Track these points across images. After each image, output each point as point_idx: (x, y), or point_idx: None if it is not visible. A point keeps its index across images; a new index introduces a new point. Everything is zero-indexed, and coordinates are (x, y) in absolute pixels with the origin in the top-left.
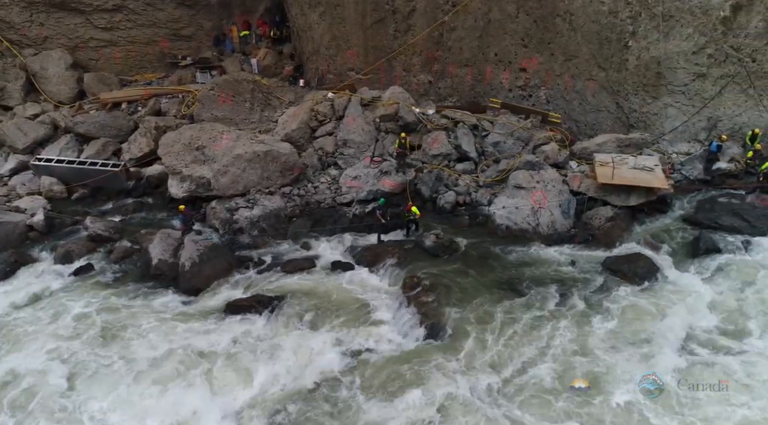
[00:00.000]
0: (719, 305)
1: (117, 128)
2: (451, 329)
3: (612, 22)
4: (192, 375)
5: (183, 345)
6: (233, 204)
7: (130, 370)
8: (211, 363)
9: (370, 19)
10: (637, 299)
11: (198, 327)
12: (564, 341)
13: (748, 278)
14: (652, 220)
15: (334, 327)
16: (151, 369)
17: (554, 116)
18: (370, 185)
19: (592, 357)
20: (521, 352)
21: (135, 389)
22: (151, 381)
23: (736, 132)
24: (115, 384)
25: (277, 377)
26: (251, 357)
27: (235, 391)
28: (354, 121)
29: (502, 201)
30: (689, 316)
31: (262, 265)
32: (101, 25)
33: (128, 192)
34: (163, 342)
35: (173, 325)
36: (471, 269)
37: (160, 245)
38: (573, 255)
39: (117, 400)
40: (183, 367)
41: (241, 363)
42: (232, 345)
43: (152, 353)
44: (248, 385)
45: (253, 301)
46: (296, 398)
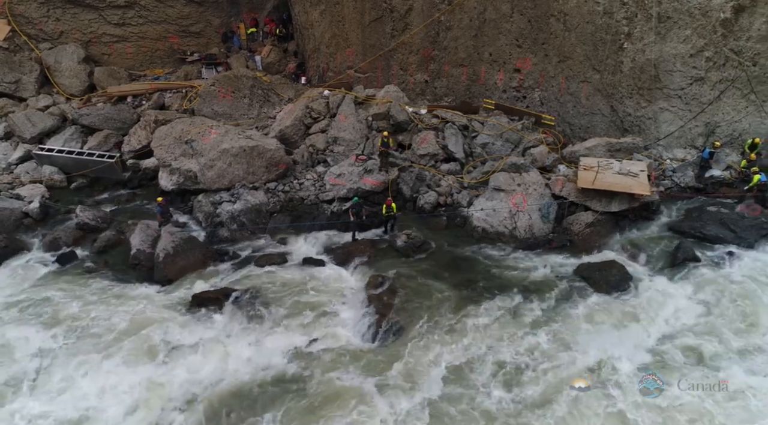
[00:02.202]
0: (685, 318)
1: (121, 121)
2: (406, 331)
3: (607, 23)
4: (143, 365)
5: (141, 333)
6: (218, 198)
7: (80, 358)
8: (165, 354)
9: (368, 18)
10: (602, 308)
11: (160, 317)
12: (516, 348)
13: (723, 291)
14: (635, 227)
15: (294, 324)
16: (104, 357)
17: (548, 118)
18: (351, 183)
19: (536, 364)
20: (467, 359)
21: (82, 375)
22: (101, 368)
23: (735, 139)
24: (62, 368)
25: (226, 371)
26: (206, 349)
27: (184, 383)
28: (346, 119)
29: (481, 203)
30: (649, 328)
31: (237, 259)
32: (114, 21)
33: (124, 183)
34: (122, 331)
35: (137, 314)
36: (439, 271)
37: (139, 236)
38: (547, 260)
39: (60, 386)
40: (133, 357)
41: (196, 355)
42: (191, 336)
43: (108, 340)
44: (198, 378)
45: (220, 294)
46: (241, 393)
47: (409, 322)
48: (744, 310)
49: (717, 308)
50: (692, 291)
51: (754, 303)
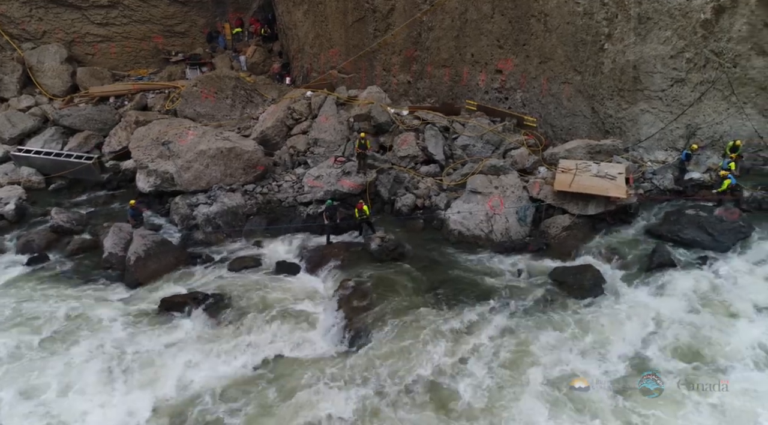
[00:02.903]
0: (656, 324)
1: (102, 122)
2: (374, 336)
3: (587, 24)
4: (104, 370)
5: (105, 338)
6: (194, 200)
7: (40, 363)
8: (128, 359)
9: (351, 18)
10: (574, 313)
11: (127, 322)
12: (483, 354)
13: (697, 296)
14: (613, 230)
15: (263, 329)
16: (67, 361)
17: (529, 119)
18: (328, 186)
19: (502, 371)
20: (434, 365)
21: (41, 381)
22: (61, 373)
23: (716, 141)
24: (22, 373)
25: (189, 378)
26: (171, 354)
27: (145, 390)
28: (327, 120)
29: (457, 206)
30: (619, 335)
31: (211, 262)
32: (97, 21)
33: (103, 185)
34: (85, 335)
35: (103, 318)
36: (412, 275)
37: (112, 239)
38: (522, 264)
39: (17, 392)
40: (98, 362)
41: (160, 360)
42: (156, 341)
43: (66, 345)
44: (159, 385)
45: (189, 298)
46: (204, 400)
47: (378, 327)
48: (716, 315)
49: (689, 313)
50: (666, 296)
51: (726, 308)
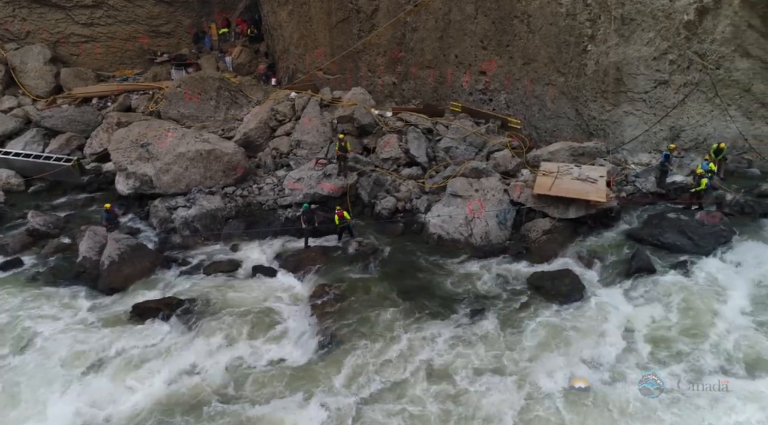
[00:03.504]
0: (630, 332)
1: (84, 123)
2: (346, 343)
3: (570, 25)
4: (70, 378)
5: (72, 345)
6: (173, 203)
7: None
8: (96, 368)
9: (335, 19)
10: (550, 320)
11: (97, 329)
12: (455, 362)
13: (675, 302)
14: (594, 234)
15: (234, 335)
16: (35, 368)
17: (514, 121)
18: (308, 188)
19: (472, 379)
20: (407, 372)
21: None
22: (29, 382)
23: (700, 144)
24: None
25: (161, 385)
26: (141, 361)
27: (114, 397)
28: (310, 121)
29: (437, 209)
30: (594, 341)
31: (187, 266)
32: (82, 21)
33: (83, 187)
34: (54, 342)
35: (71, 325)
36: (389, 280)
37: (87, 243)
38: (501, 269)
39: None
40: (65, 370)
41: (129, 368)
42: (126, 348)
43: (32, 353)
44: (130, 392)
45: (162, 304)
46: (175, 408)
47: (350, 334)
48: (693, 321)
49: (665, 320)
50: (643, 302)
51: (703, 314)
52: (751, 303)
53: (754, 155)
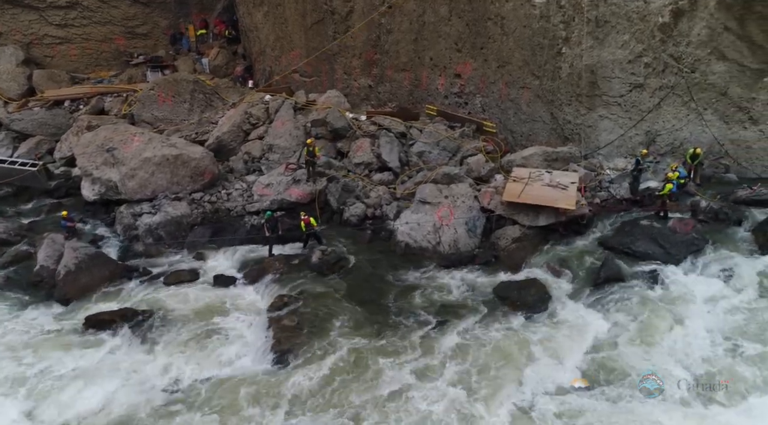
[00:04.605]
0: (592, 344)
1: (56, 126)
2: (298, 358)
3: (544, 27)
4: (15, 393)
5: (16, 359)
6: (139, 209)
7: None
8: (42, 383)
9: (310, 20)
10: (513, 331)
11: (48, 341)
12: (417, 375)
13: (641, 313)
14: (565, 242)
15: (189, 348)
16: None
17: (489, 125)
18: (276, 194)
19: (433, 395)
20: (361, 386)
21: None
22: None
23: (676, 148)
24: None
25: (108, 401)
26: (88, 377)
27: (55, 417)
28: (283, 125)
29: (406, 216)
30: (554, 355)
31: (147, 275)
32: (56, 22)
33: (50, 192)
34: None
35: (24, 337)
36: (351, 291)
37: (45, 251)
38: (467, 279)
39: None
40: (7, 385)
41: (75, 384)
42: (73, 363)
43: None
44: (73, 410)
45: (116, 315)
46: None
47: (307, 348)
48: (656, 332)
49: (628, 331)
50: (609, 312)
51: (668, 325)
52: (718, 314)
53: (731, 160)
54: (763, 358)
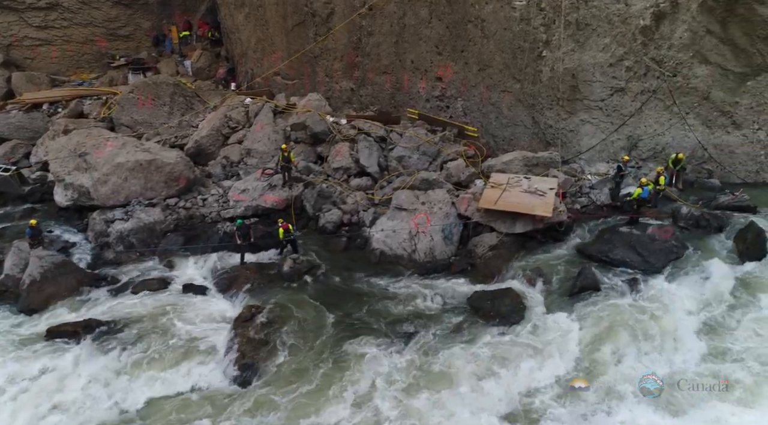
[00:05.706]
0: (566, 354)
1: (33, 130)
2: (268, 371)
3: (524, 30)
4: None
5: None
6: (111, 216)
7: None
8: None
9: (291, 22)
10: (486, 343)
11: (7, 352)
12: (388, 389)
13: (616, 323)
14: (543, 250)
15: (151, 361)
16: None
17: (470, 129)
18: (251, 200)
19: (404, 408)
20: (331, 403)
21: None
22: None
23: (658, 153)
24: None
25: (56, 421)
26: (42, 391)
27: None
28: (262, 129)
29: (382, 223)
30: (525, 366)
31: (116, 284)
32: (36, 24)
33: (24, 197)
34: None
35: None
36: (323, 301)
37: (11, 259)
38: (443, 288)
39: None
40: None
41: (25, 399)
42: (28, 376)
43: None
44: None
45: (79, 326)
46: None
47: (273, 361)
48: (631, 342)
49: (600, 341)
50: (584, 323)
51: (642, 335)
52: (695, 324)
53: (714, 165)
54: (743, 366)
